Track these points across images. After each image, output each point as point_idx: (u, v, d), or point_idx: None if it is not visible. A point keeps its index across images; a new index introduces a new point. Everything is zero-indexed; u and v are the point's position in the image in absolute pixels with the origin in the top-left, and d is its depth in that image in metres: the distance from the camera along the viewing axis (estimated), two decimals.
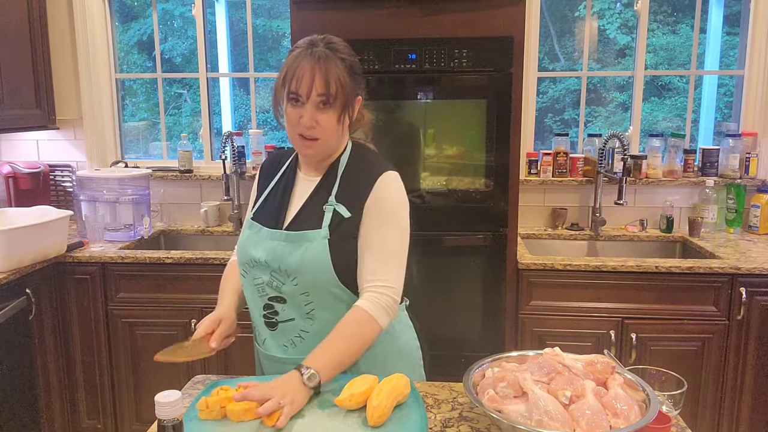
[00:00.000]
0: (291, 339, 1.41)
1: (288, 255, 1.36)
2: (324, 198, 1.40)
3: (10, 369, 2.39)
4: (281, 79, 1.34)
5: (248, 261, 1.42)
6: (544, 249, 3.00)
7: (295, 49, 1.35)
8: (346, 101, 1.33)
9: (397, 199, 1.39)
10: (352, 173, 1.41)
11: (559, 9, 3.73)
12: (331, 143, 1.39)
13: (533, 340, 2.55)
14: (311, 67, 1.30)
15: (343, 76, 1.31)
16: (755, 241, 2.85)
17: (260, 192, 1.51)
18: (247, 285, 1.45)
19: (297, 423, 1.18)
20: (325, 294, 1.37)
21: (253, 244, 1.42)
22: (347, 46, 1.37)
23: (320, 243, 1.35)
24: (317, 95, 1.30)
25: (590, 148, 3.10)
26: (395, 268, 1.37)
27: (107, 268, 2.66)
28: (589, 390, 1.10)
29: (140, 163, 3.39)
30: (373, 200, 1.36)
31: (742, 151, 3.04)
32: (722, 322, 2.47)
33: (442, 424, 1.23)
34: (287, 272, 1.36)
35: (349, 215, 1.36)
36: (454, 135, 2.49)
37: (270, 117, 4.65)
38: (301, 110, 1.32)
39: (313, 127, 1.33)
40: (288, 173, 1.48)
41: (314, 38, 1.35)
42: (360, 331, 1.31)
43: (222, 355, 2.68)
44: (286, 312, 1.39)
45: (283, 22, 4.15)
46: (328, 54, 1.31)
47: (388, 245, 1.37)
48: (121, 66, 3.47)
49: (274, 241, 1.39)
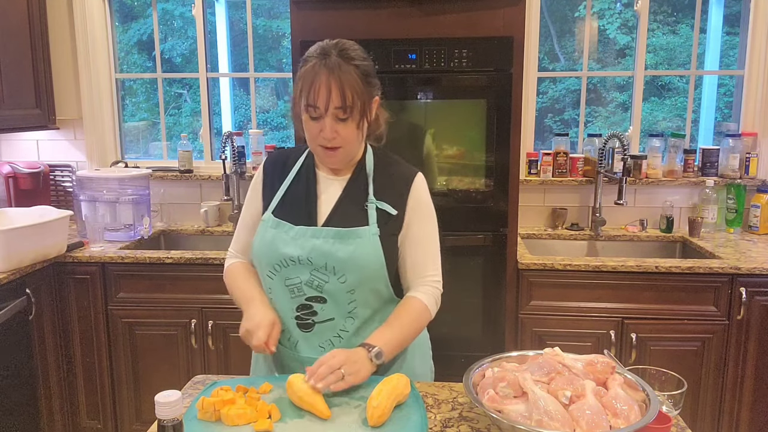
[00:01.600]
0: (329, 339, 1.41)
1: (337, 252, 1.35)
2: (360, 196, 1.42)
3: (10, 369, 2.39)
4: (298, 91, 1.34)
5: (280, 261, 1.39)
6: (544, 249, 3.00)
7: (309, 60, 1.33)
8: (364, 108, 1.34)
9: (429, 198, 1.48)
10: (383, 172, 1.45)
11: (559, 9, 3.73)
12: (353, 149, 1.41)
13: (533, 340, 2.55)
14: (326, 79, 1.29)
15: (358, 84, 1.31)
16: (755, 241, 2.85)
17: (272, 190, 1.48)
18: (276, 286, 1.42)
19: (297, 423, 1.18)
20: (368, 291, 1.40)
21: (284, 243, 1.39)
22: (359, 49, 1.36)
23: (371, 239, 1.37)
24: (335, 108, 1.30)
25: (590, 148, 3.10)
26: (437, 260, 1.47)
27: (107, 268, 2.66)
28: (589, 390, 1.10)
29: (140, 163, 3.39)
30: (414, 199, 1.44)
31: (742, 151, 3.04)
32: (722, 322, 2.47)
33: (442, 424, 1.23)
34: (335, 269, 1.36)
35: (396, 212, 1.41)
36: (454, 135, 2.49)
37: (270, 117, 4.66)
38: (321, 123, 1.32)
39: (334, 138, 1.34)
40: (305, 172, 1.47)
41: (326, 46, 1.33)
42: (418, 319, 1.41)
43: (222, 355, 2.69)
44: (326, 312, 1.39)
45: (283, 22, 4.15)
46: (342, 63, 1.30)
47: (432, 241, 1.46)
48: (121, 66, 3.47)
49: (318, 238, 1.37)
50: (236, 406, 1.18)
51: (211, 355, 2.68)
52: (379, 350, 1.30)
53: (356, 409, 1.22)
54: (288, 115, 4.43)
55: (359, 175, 1.45)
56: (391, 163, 1.48)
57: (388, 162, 1.48)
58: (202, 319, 2.66)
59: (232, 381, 1.36)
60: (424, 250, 1.45)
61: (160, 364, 2.71)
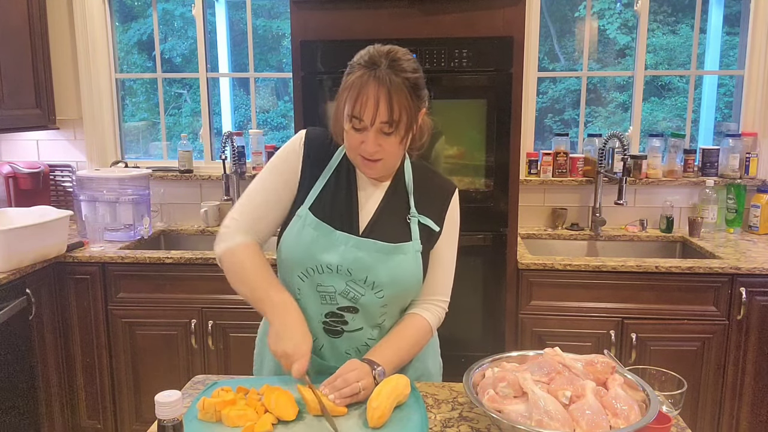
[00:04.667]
0: (356, 347, 1.39)
1: (379, 268, 1.31)
2: (401, 207, 1.37)
3: (10, 369, 2.38)
4: (343, 100, 1.26)
5: (316, 266, 1.32)
6: (544, 249, 3.00)
7: (356, 68, 1.24)
8: (410, 123, 1.26)
9: (459, 216, 1.44)
10: (422, 185, 1.40)
11: (559, 9, 3.73)
12: (393, 163, 1.34)
13: (533, 340, 2.55)
14: (375, 92, 1.21)
15: (407, 99, 1.23)
16: (755, 241, 2.85)
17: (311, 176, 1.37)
18: (307, 289, 1.35)
19: (297, 424, 1.18)
20: (400, 305, 1.40)
21: (323, 249, 1.31)
22: (411, 60, 1.27)
23: (414, 257, 1.34)
24: (381, 122, 1.23)
25: (590, 148, 3.10)
26: (451, 283, 1.45)
27: (107, 268, 2.66)
28: (589, 390, 1.10)
29: (140, 163, 3.39)
30: (450, 216, 1.41)
31: (742, 151, 3.04)
32: (722, 322, 2.47)
33: (442, 424, 1.23)
34: (374, 284, 1.31)
35: (438, 229, 1.38)
36: (454, 135, 2.49)
37: (270, 117, 4.66)
38: (364, 136, 1.25)
39: (377, 152, 1.27)
40: (345, 171, 1.38)
41: (375, 54, 1.24)
42: (421, 340, 1.39)
43: (222, 355, 2.69)
44: (356, 322, 1.36)
45: (283, 22, 4.15)
46: (392, 77, 1.21)
47: (452, 262, 1.44)
48: (121, 66, 3.47)
49: (361, 250, 1.30)
50: (237, 407, 1.18)
51: (211, 355, 2.68)
52: (383, 370, 1.27)
53: (356, 410, 1.22)
54: (288, 116, 4.44)
55: (398, 184, 1.38)
56: (430, 174, 1.43)
57: (428, 174, 1.43)
58: (202, 319, 2.65)
59: (233, 381, 1.35)
60: (443, 271, 1.42)
61: (160, 364, 2.71)
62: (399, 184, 1.39)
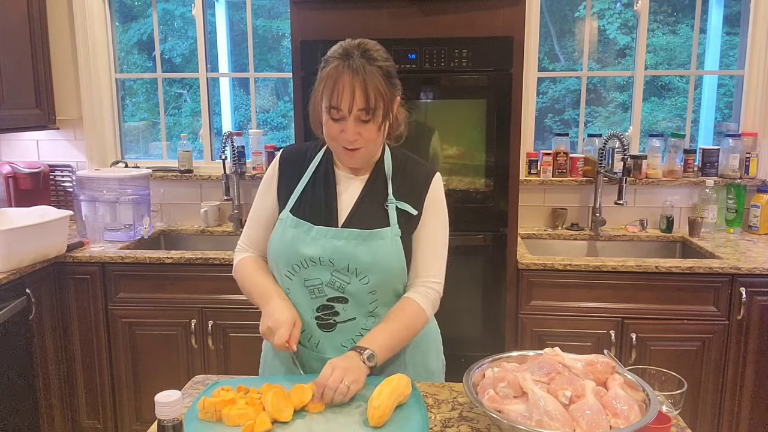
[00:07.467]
0: (351, 338, 1.42)
1: (359, 254, 1.35)
2: (380, 196, 1.42)
3: (10, 369, 2.38)
4: (320, 92, 1.33)
5: (299, 261, 1.38)
6: (544, 249, 3.00)
7: (331, 60, 1.31)
8: (386, 109, 1.32)
9: (444, 198, 1.48)
10: (401, 171, 1.45)
11: (559, 9, 3.73)
12: (374, 150, 1.40)
13: (533, 340, 2.55)
14: (350, 81, 1.27)
15: (382, 86, 1.29)
16: (755, 241, 2.85)
17: (288, 186, 1.46)
18: (295, 287, 1.41)
19: (297, 423, 1.18)
20: (389, 291, 1.41)
21: (304, 243, 1.38)
22: (381, 49, 1.34)
23: (393, 240, 1.38)
24: (358, 110, 1.29)
25: (590, 148, 3.10)
26: (443, 263, 1.46)
27: (107, 268, 2.66)
28: (589, 390, 1.10)
29: (140, 163, 3.39)
30: (431, 198, 1.44)
31: (742, 151, 3.04)
32: (722, 322, 2.47)
33: (442, 424, 1.23)
34: (357, 271, 1.36)
35: (416, 212, 1.41)
36: (454, 135, 2.49)
37: (270, 117, 4.66)
38: (343, 125, 1.31)
39: (356, 140, 1.32)
40: (324, 169, 1.45)
41: (348, 46, 1.31)
42: (413, 321, 1.39)
43: (222, 355, 2.69)
44: (348, 312, 1.40)
45: (283, 22, 4.15)
46: (366, 66, 1.28)
47: (440, 241, 1.46)
48: (121, 66, 3.47)
49: (340, 240, 1.36)
50: (237, 406, 1.18)
51: (211, 355, 2.68)
52: (371, 353, 1.29)
53: (357, 409, 1.22)
54: (288, 116, 4.45)
55: (378, 174, 1.44)
56: (410, 162, 1.48)
57: (407, 161, 1.47)
58: (202, 319, 2.66)
59: (233, 381, 1.36)
60: (432, 251, 1.44)
61: (160, 364, 2.71)
62: (379, 175, 1.44)
